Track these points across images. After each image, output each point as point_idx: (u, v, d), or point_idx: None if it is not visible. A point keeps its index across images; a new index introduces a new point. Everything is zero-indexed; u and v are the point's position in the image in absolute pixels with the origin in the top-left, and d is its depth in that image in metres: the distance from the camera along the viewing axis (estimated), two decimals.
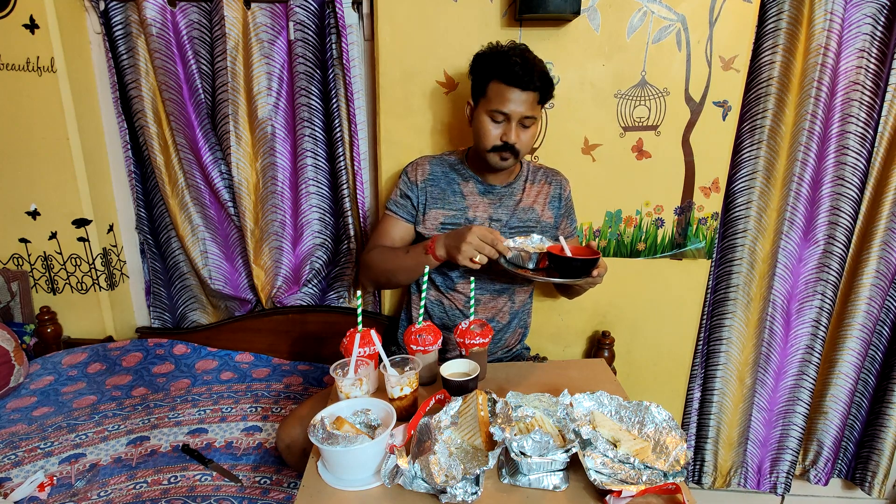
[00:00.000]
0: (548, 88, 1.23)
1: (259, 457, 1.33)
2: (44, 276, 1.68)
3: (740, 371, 1.77)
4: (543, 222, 1.39)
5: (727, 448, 1.86)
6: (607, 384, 1.18)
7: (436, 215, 1.35)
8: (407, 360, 1.05)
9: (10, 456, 1.28)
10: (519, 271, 1.20)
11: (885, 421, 1.80)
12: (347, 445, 0.85)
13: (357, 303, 1.11)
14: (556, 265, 1.19)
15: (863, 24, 1.48)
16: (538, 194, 1.40)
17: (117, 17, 1.52)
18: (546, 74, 1.22)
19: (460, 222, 1.34)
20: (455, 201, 1.36)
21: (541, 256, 1.22)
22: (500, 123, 1.23)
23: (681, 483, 0.84)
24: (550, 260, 1.20)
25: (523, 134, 1.24)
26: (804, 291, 1.71)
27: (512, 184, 1.38)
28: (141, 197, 1.70)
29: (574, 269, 1.15)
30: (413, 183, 1.36)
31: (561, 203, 1.42)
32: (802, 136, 1.55)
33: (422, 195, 1.36)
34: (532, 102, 1.21)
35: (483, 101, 1.25)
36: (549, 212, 1.40)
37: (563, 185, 1.43)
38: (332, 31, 1.50)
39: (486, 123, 1.24)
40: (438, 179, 1.36)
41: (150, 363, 1.62)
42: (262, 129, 1.57)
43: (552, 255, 1.18)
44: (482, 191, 1.37)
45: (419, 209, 1.36)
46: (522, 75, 1.17)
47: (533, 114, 1.22)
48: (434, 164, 1.38)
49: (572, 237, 1.47)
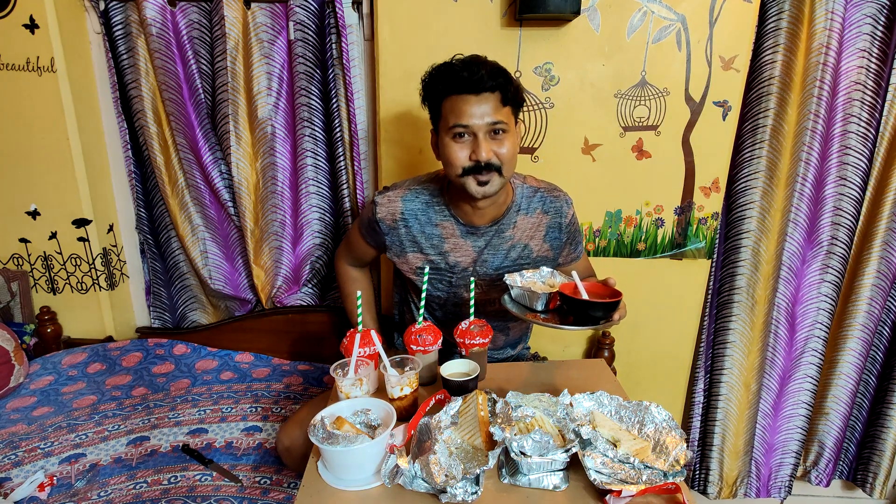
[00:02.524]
0: (507, 85, 1.06)
1: (259, 457, 1.33)
2: (44, 276, 1.68)
3: (746, 376, 1.75)
4: (539, 258, 1.25)
5: (733, 457, 1.83)
6: (607, 384, 1.18)
7: (413, 259, 1.22)
8: (407, 360, 1.05)
9: (10, 456, 1.28)
10: (527, 316, 1.07)
11: (886, 422, 1.79)
12: (347, 445, 0.85)
13: (357, 303, 1.11)
14: (570, 308, 1.04)
15: (863, 23, 1.48)
16: (533, 227, 1.23)
17: (117, 17, 1.52)
18: (501, 71, 1.06)
19: (441, 267, 1.22)
20: (434, 245, 1.21)
21: (551, 296, 1.08)
22: (465, 142, 1.07)
23: (681, 483, 0.84)
24: (564, 302, 1.05)
25: (497, 146, 1.07)
26: (808, 293, 1.70)
27: (500, 220, 1.20)
28: (141, 197, 1.70)
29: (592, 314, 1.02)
30: (382, 221, 1.21)
31: (561, 232, 1.26)
32: (806, 136, 1.55)
33: (395, 238, 1.21)
34: (494, 106, 1.05)
35: (441, 123, 1.09)
36: (546, 244, 1.25)
37: (564, 210, 1.25)
38: (332, 31, 1.50)
39: (450, 146, 1.07)
40: (412, 220, 1.20)
41: (150, 363, 1.62)
42: (262, 129, 1.57)
43: (566, 298, 1.03)
44: (464, 232, 1.20)
45: (392, 251, 1.24)
46: (470, 77, 1.03)
47: (499, 118, 1.06)
48: (408, 199, 1.20)
49: (577, 261, 1.35)
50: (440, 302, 1.28)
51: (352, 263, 1.42)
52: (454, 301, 1.27)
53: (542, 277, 1.15)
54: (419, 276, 1.23)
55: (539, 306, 1.09)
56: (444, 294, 1.27)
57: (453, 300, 1.26)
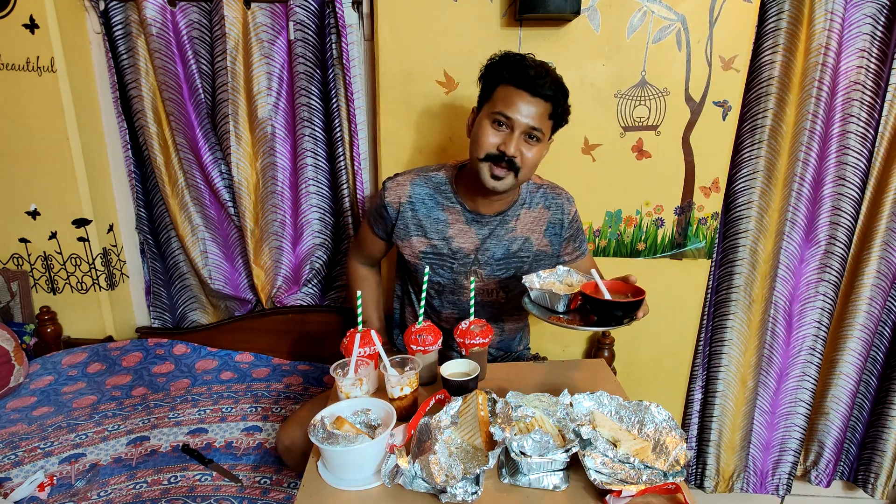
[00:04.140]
0: (561, 102, 1.12)
1: (259, 457, 1.33)
2: (44, 276, 1.68)
3: (742, 373, 1.76)
4: (539, 252, 1.28)
5: (729, 452, 1.84)
6: (607, 384, 1.18)
7: (416, 244, 1.25)
8: (407, 360, 1.05)
9: (10, 456, 1.28)
10: (551, 320, 1.05)
11: (887, 422, 1.79)
12: (347, 445, 0.85)
13: (357, 303, 1.11)
14: (593, 308, 1.03)
15: (863, 23, 1.48)
16: (534, 221, 1.27)
17: (117, 17, 1.52)
18: (562, 87, 1.12)
19: (444, 252, 1.24)
20: (438, 229, 1.24)
21: (573, 297, 1.07)
22: (501, 130, 1.11)
23: (681, 483, 0.84)
24: (587, 302, 1.04)
25: (526, 150, 1.11)
26: (806, 292, 1.71)
27: (505, 212, 1.24)
28: (141, 197, 1.70)
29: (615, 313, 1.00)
30: (390, 205, 1.24)
31: (562, 228, 1.29)
32: (804, 136, 1.55)
33: (400, 221, 1.24)
34: (542, 115, 1.10)
35: (487, 105, 1.14)
36: (546, 239, 1.28)
37: (565, 208, 1.29)
38: (332, 31, 1.50)
39: (485, 127, 1.11)
40: (419, 203, 1.23)
41: (150, 363, 1.62)
42: (262, 128, 1.57)
43: (589, 298, 1.02)
44: (469, 219, 1.24)
45: (397, 234, 1.26)
46: (535, 78, 1.07)
47: (540, 126, 1.10)
48: (416, 184, 1.24)
49: (582, 258, 1.37)
50: (439, 289, 1.30)
51: (362, 262, 1.44)
52: (452, 288, 1.29)
53: (560, 277, 1.15)
54: (421, 261, 1.26)
55: (561, 307, 1.09)
56: (444, 280, 1.28)
57: (451, 287, 1.29)
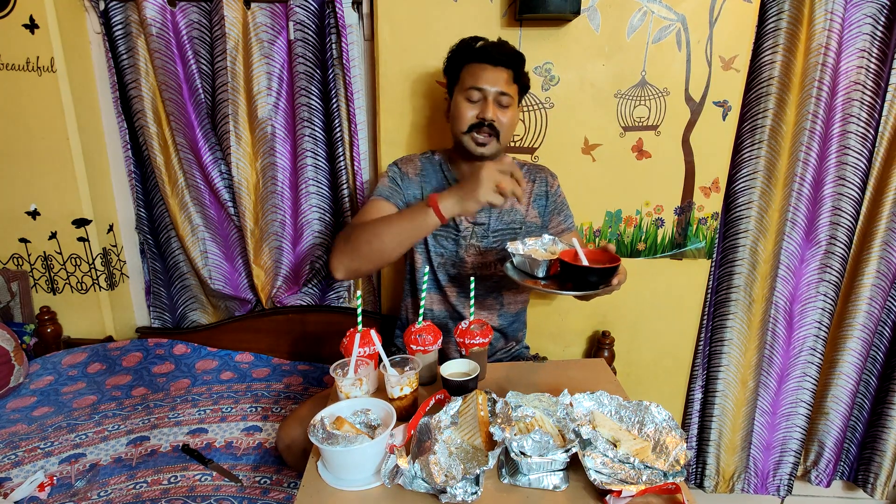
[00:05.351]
0: (519, 67, 1.25)
1: (259, 457, 1.33)
2: (44, 276, 1.68)
3: (743, 373, 1.76)
4: (529, 223, 1.36)
5: (729, 452, 1.84)
6: (607, 384, 1.18)
7: None
8: (407, 360, 1.05)
9: (10, 456, 1.27)
10: (527, 282, 1.09)
11: (887, 422, 1.79)
12: (347, 445, 0.85)
13: (357, 303, 1.11)
14: (569, 274, 1.06)
15: (863, 23, 1.48)
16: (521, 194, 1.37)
17: (117, 17, 1.52)
18: (518, 55, 1.25)
19: (448, 223, 1.32)
20: None
21: (551, 263, 1.11)
22: (476, 103, 1.23)
23: (681, 483, 0.84)
24: (563, 269, 1.07)
25: (501, 115, 1.23)
26: (806, 292, 1.71)
27: None
28: (141, 197, 1.70)
29: (590, 280, 1.04)
30: (405, 175, 1.34)
31: (547, 200, 1.38)
32: (804, 136, 1.55)
33: (417, 190, 1.34)
34: (507, 80, 1.23)
35: (458, 87, 1.26)
36: (534, 210, 1.37)
37: (549, 181, 1.39)
38: (332, 31, 1.50)
39: (462, 104, 1.24)
40: (430, 176, 1.35)
41: (150, 363, 1.62)
42: (262, 128, 1.57)
43: (564, 264, 1.05)
44: None
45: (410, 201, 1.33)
46: (492, 50, 1.22)
47: (508, 91, 1.23)
48: (423, 161, 1.37)
49: (570, 231, 1.42)
50: (442, 261, 1.36)
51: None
52: (453, 261, 1.35)
53: (544, 245, 1.18)
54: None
55: (540, 273, 1.11)
56: (447, 252, 1.35)
57: (452, 259, 1.35)
